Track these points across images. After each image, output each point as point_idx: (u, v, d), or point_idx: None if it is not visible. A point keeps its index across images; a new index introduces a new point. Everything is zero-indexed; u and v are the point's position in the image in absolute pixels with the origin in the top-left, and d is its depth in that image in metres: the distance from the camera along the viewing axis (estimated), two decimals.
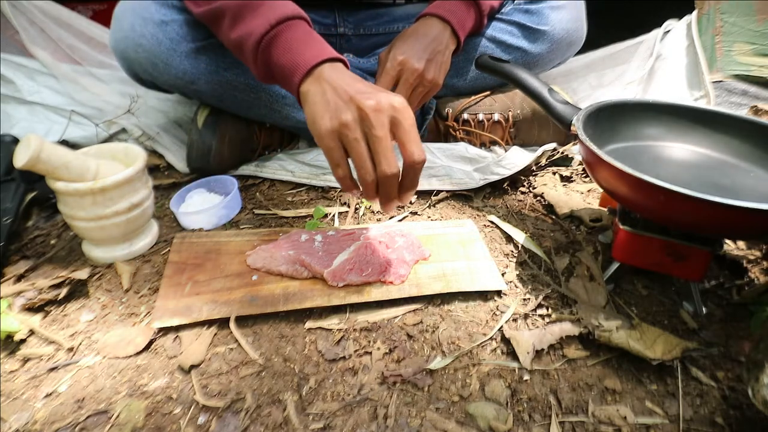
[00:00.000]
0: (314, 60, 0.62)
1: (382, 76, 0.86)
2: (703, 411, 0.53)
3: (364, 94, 0.57)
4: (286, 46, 0.65)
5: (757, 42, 1.09)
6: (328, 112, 0.58)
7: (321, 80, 0.61)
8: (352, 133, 0.57)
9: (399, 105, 0.57)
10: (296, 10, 0.68)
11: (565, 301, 0.66)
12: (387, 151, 0.57)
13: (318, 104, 0.60)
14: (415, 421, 0.51)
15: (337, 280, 0.65)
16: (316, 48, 0.64)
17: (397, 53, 0.84)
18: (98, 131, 0.99)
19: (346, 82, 0.60)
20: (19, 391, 0.53)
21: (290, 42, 0.65)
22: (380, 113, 0.56)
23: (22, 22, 1.07)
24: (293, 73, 0.63)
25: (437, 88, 0.88)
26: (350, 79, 0.60)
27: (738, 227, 0.57)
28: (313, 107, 0.60)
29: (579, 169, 0.98)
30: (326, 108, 0.59)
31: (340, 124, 0.57)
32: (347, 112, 0.57)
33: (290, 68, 0.64)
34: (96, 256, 0.71)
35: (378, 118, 0.56)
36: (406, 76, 0.85)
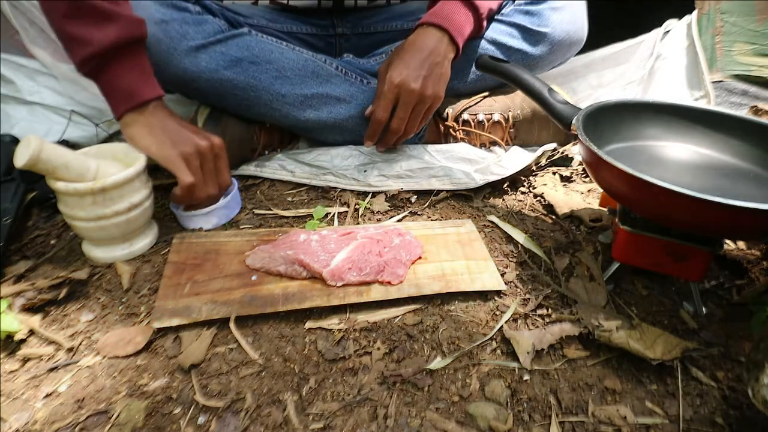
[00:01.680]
0: (148, 96, 0.72)
1: (381, 99, 0.86)
2: (703, 411, 0.53)
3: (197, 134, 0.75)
4: (123, 72, 0.71)
5: (757, 42, 1.09)
6: (165, 143, 0.72)
7: (149, 115, 0.72)
8: (194, 162, 0.73)
9: (218, 143, 0.76)
10: (140, 30, 0.71)
11: (565, 301, 0.66)
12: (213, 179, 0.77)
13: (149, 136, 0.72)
14: (415, 421, 0.51)
15: (336, 280, 0.65)
16: (148, 83, 0.73)
17: (393, 75, 0.84)
18: (98, 131, 0.99)
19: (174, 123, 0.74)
20: (19, 391, 0.53)
21: (127, 68, 0.71)
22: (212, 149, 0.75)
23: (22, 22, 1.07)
24: (126, 100, 0.71)
25: (439, 101, 0.88)
26: (175, 120, 0.75)
27: (738, 227, 0.57)
28: (144, 139, 0.72)
29: (579, 169, 0.98)
30: (164, 140, 0.72)
31: (180, 152, 0.72)
32: (186, 146, 0.73)
33: (123, 95, 0.71)
34: (96, 256, 0.71)
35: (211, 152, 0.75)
36: (404, 98, 0.85)
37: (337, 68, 0.93)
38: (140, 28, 0.71)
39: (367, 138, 0.91)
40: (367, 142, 0.92)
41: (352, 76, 0.94)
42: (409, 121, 0.88)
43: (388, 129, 0.89)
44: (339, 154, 0.94)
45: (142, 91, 0.71)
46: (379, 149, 0.94)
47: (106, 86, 0.72)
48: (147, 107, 0.72)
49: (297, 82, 0.89)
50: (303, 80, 0.89)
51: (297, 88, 0.89)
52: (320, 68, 0.91)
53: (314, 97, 0.90)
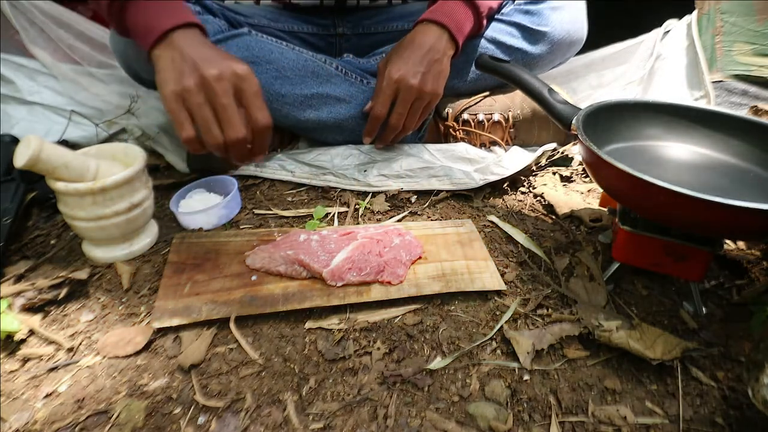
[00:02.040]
0: (166, 26, 0.63)
1: (380, 95, 0.86)
2: (703, 411, 0.53)
3: (209, 61, 0.61)
4: (140, 9, 0.65)
5: (757, 42, 1.09)
6: (174, 78, 0.61)
7: (171, 46, 0.63)
8: (195, 98, 0.61)
9: (242, 72, 0.61)
10: None
11: (565, 301, 0.66)
12: (231, 118, 0.61)
13: (166, 70, 0.62)
14: (415, 421, 0.51)
15: (336, 280, 0.65)
16: (170, 13, 0.65)
17: (392, 70, 0.84)
18: (98, 131, 0.99)
19: (194, 49, 0.62)
20: (19, 391, 0.53)
21: (145, 4, 0.65)
22: (223, 81, 0.60)
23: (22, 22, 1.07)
24: (146, 37, 0.64)
25: (438, 97, 0.88)
26: (199, 46, 0.63)
27: (738, 227, 0.57)
28: (161, 73, 0.63)
29: (579, 169, 0.98)
30: (173, 74, 0.62)
31: (182, 89, 0.61)
32: (190, 78, 0.60)
33: (143, 32, 0.65)
34: (96, 256, 0.71)
35: (221, 86, 0.60)
36: (403, 93, 0.85)
37: (337, 68, 0.93)
38: None
39: (365, 134, 0.91)
40: (365, 138, 0.92)
41: (352, 76, 0.94)
42: (407, 117, 0.88)
43: (386, 125, 0.89)
44: (339, 153, 0.94)
45: (160, 22, 0.64)
46: (378, 146, 0.94)
47: (131, 28, 0.66)
48: (167, 40, 0.64)
49: (297, 82, 0.89)
50: (303, 80, 0.89)
51: (297, 88, 0.89)
52: (320, 68, 0.91)
53: (314, 97, 0.90)
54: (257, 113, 0.63)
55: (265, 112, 0.63)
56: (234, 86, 0.62)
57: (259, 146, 0.65)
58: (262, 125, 0.63)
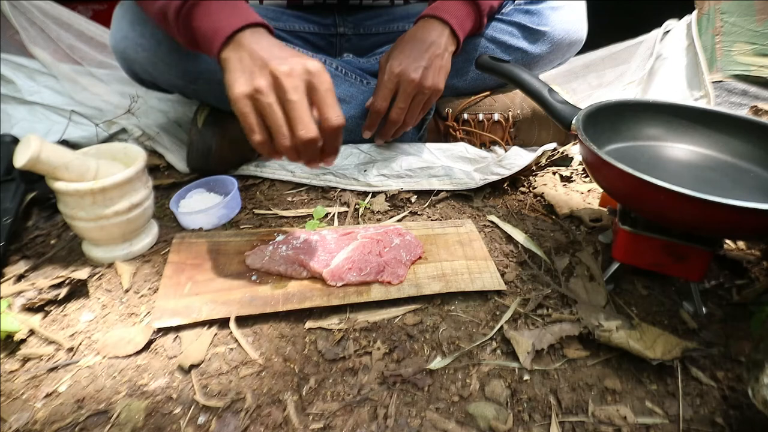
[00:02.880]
0: (233, 26, 0.61)
1: (381, 88, 0.86)
2: (703, 411, 0.53)
3: (279, 59, 0.57)
4: (206, 13, 0.63)
5: (757, 42, 1.09)
6: (243, 78, 0.58)
7: (240, 47, 0.61)
8: (265, 98, 0.57)
9: (314, 69, 0.57)
10: None
11: (565, 301, 0.66)
12: (302, 116, 0.56)
13: (234, 71, 0.60)
14: (415, 421, 0.51)
15: (336, 280, 0.65)
16: (236, 14, 0.63)
17: (393, 64, 0.84)
18: (98, 131, 0.99)
19: (263, 48, 0.59)
20: (19, 391, 0.53)
21: (210, 9, 0.63)
22: (293, 77, 0.56)
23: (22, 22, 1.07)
24: (213, 40, 0.62)
25: (438, 93, 0.88)
26: (268, 45, 0.60)
27: (738, 227, 0.57)
28: (229, 74, 0.60)
29: (579, 169, 0.98)
30: (241, 74, 0.59)
31: (253, 89, 0.57)
32: (261, 77, 0.57)
33: (210, 35, 0.63)
34: (96, 256, 0.71)
35: (291, 82, 0.56)
36: (403, 87, 0.85)
37: (337, 68, 0.93)
38: None
39: (365, 128, 0.91)
40: (365, 132, 0.92)
41: (352, 77, 0.94)
42: (408, 112, 0.88)
43: (387, 120, 0.89)
44: (339, 153, 0.94)
45: (226, 23, 0.62)
46: (378, 142, 0.94)
47: (201, 42, 0.65)
48: (234, 41, 0.61)
49: None
50: None
51: None
52: None
53: None
54: (330, 111, 0.58)
55: (338, 110, 0.58)
56: (305, 83, 0.57)
57: (332, 147, 0.60)
58: (336, 124, 0.58)
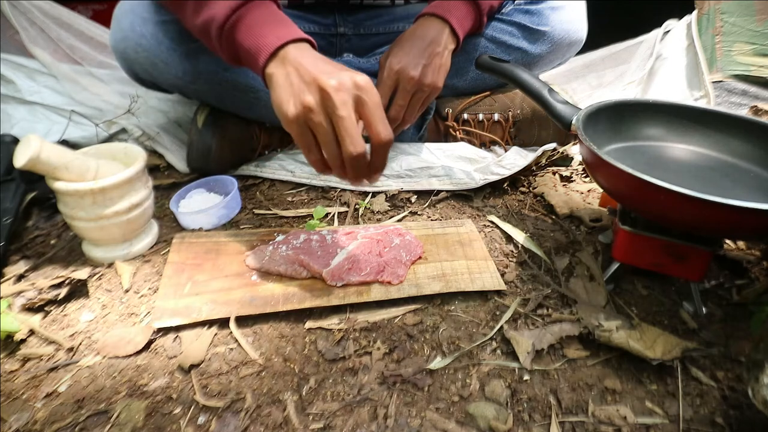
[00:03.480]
0: (278, 42, 0.61)
1: (380, 85, 0.86)
2: (703, 411, 0.53)
3: (327, 73, 0.57)
4: (250, 29, 0.64)
5: (757, 42, 1.09)
6: (292, 96, 0.58)
7: (285, 62, 0.60)
8: (316, 117, 0.57)
9: (363, 83, 0.57)
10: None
11: (565, 301, 0.66)
12: (350, 131, 0.56)
13: (282, 87, 0.59)
14: (415, 421, 0.51)
15: (336, 280, 0.65)
16: (280, 29, 0.63)
17: (393, 62, 0.84)
18: (98, 131, 0.99)
19: (310, 63, 0.59)
20: (19, 391, 0.53)
21: (253, 24, 0.64)
22: (342, 92, 0.56)
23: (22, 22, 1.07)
24: (258, 55, 0.62)
25: (437, 90, 0.88)
26: (314, 59, 0.60)
27: (738, 227, 0.57)
28: (277, 91, 0.60)
29: (579, 169, 0.98)
30: (290, 91, 0.58)
31: (303, 107, 0.57)
32: (309, 94, 0.57)
33: (254, 51, 0.63)
34: (96, 256, 0.71)
35: (340, 97, 0.56)
36: (403, 84, 0.85)
37: None
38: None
39: None
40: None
41: None
42: (407, 109, 0.88)
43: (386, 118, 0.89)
44: None
45: (271, 39, 0.61)
46: None
47: (244, 57, 0.65)
48: (280, 56, 0.61)
49: None
50: None
51: None
52: None
53: None
54: (379, 126, 0.57)
55: (387, 126, 0.57)
56: (354, 97, 0.57)
57: (380, 163, 0.59)
58: (384, 140, 0.57)
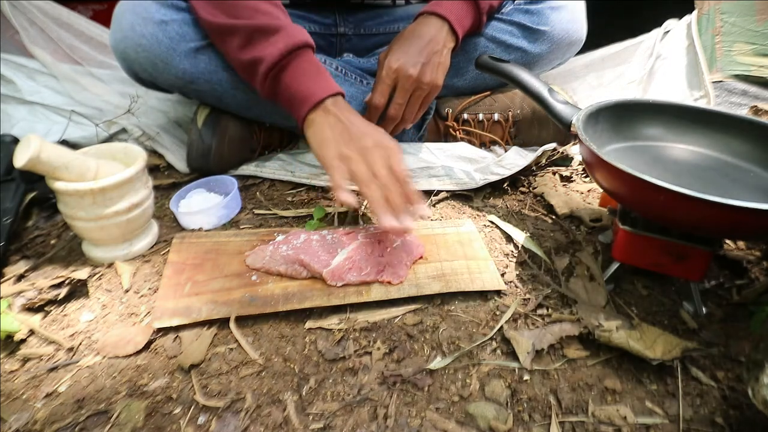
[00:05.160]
0: (322, 94, 0.73)
1: (379, 84, 0.86)
2: (703, 411, 0.53)
3: (364, 134, 0.71)
4: (296, 77, 0.74)
5: (757, 42, 1.09)
6: (334, 143, 0.71)
7: (327, 113, 0.73)
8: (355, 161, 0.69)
9: (392, 146, 0.70)
10: (304, 37, 0.75)
11: (565, 301, 0.66)
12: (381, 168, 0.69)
13: (325, 132, 0.72)
14: (415, 421, 0.51)
15: (336, 280, 0.65)
16: (322, 82, 0.74)
17: (391, 60, 0.84)
18: (98, 131, 0.99)
19: (347, 118, 0.72)
20: (19, 391, 0.53)
21: (299, 73, 0.74)
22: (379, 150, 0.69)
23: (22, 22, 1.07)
24: (303, 103, 0.73)
25: (437, 89, 0.88)
26: (349, 114, 0.73)
27: (738, 227, 0.57)
28: (319, 134, 0.73)
29: (579, 169, 0.98)
30: (332, 138, 0.71)
31: (343, 153, 0.70)
32: (350, 146, 0.70)
33: (300, 98, 0.74)
34: (96, 256, 0.71)
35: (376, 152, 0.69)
36: (402, 83, 0.85)
37: (337, 68, 0.93)
38: (303, 34, 0.75)
39: None
40: None
41: (352, 77, 0.94)
42: (406, 108, 0.88)
43: (385, 116, 0.89)
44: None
45: (313, 91, 0.73)
46: None
47: (284, 97, 0.75)
48: (322, 106, 0.73)
49: None
50: None
51: None
52: None
53: None
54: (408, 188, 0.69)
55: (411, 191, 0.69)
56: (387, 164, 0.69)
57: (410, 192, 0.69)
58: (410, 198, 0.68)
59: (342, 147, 0.70)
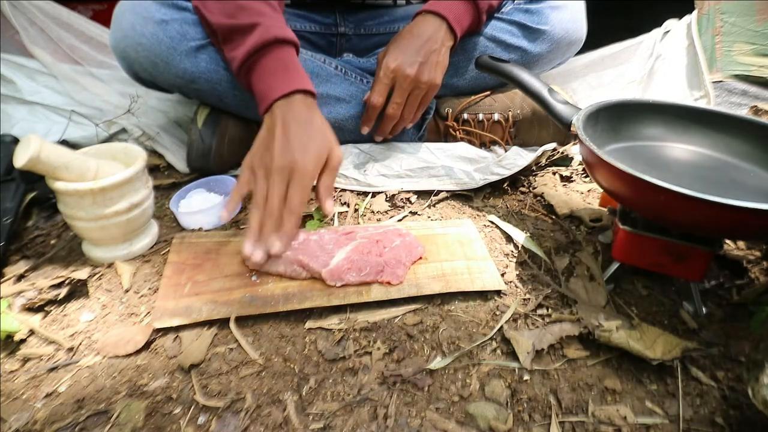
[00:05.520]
0: (275, 94, 0.71)
1: (377, 83, 0.86)
2: (703, 411, 0.53)
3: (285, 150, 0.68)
4: (260, 75, 0.73)
5: (757, 42, 1.09)
6: (256, 150, 0.70)
7: (272, 116, 0.71)
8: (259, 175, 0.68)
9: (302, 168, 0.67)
10: (276, 33, 0.73)
11: (565, 301, 0.66)
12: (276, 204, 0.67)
13: (260, 136, 0.71)
14: (415, 421, 0.51)
15: (335, 280, 0.65)
16: (283, 80, 0.72)
17: (389, 60, 0.85)
18: (98, 131, 0.99)
19: (285, 126, 0.69)
20: (19, 391, 0.53)
21: (263, 71, 0.73)
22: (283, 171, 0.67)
23: (22, 22, 1.07)
24: (261, 102, 0.73)
25: (436, 88, 0.88)
26: (292, 121, 0.69)
27: (738, 227, 0.57)
28: (257, 136, 0.72)
29: (579, 169, 0.98)
30: (259, 144, 0.70)
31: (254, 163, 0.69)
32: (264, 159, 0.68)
33: (259, 97, 0.73)
34: (96, 256, 0.71)
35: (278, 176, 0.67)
36: (399, 82, 0.85)
37: (337, 68, 0.93)
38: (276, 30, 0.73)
39: (363, 122, 0.92)
40: (363, 128, 0.92)
41: (352, 76, 0.94)
42: (405, 107, 0.88)
43: (384, 115, 0.89)
44: None
45: (270, 90, 0.72)
46: (377, 138, 0.94)
47: (255, 95, 0.75)
48: (272, 108, 0.71)
49: None
50: None
51: None
52: (319, 68, 0.91)
53: None
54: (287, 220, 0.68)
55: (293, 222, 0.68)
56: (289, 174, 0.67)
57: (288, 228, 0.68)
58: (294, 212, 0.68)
59: (257, 159, 0.69)
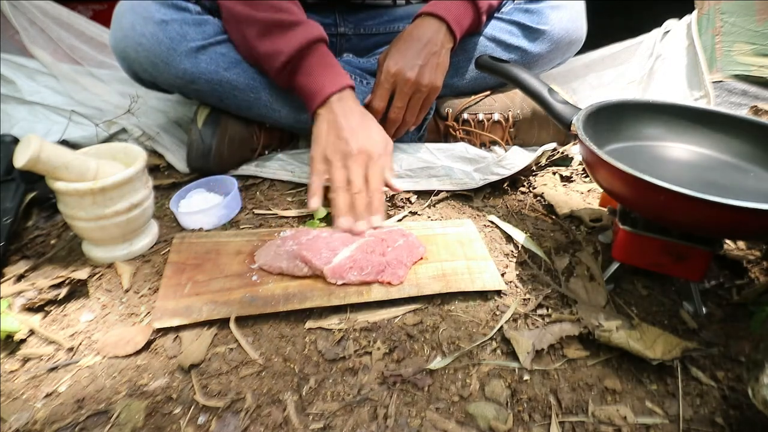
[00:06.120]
0: (329, 90, 0.77)
1: (378, 88, 0.87)
2: (703, 411, 0.53)
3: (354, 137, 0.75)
4: (308, 72, 0.79)
5: (757, 42, 1.09)
6: (324, 142, 0.77)
7: (330, 110, 0.77)
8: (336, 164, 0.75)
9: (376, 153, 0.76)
10: (319, 32, 0.80)
11: (565, 301, 0.66)
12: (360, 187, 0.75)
13: (321, 130, 0.78)
14: (415, 421, 0.51)
15: (337, 278, 0.65)
16: (331, 76, 0.79)
17: (390, 64, 0.85)
18: (98, 131, 0.99)
19: (346, 118, 0.77)
20: (19, 391, 0.53)
21: (311, 68, 0.79)
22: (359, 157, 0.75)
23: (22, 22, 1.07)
24: (312, 98, 0.79)
25: (437, 90, 0.88)
26: (350, 113, 0.77)
27: (738, 227, 0.57)
28: (316, 132, 0.79)
29: (579, 169, 0.98)
30: (324, 137, 0.77)
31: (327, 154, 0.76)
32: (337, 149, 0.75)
33: (310, 93, 0.79)
34: (96, 256, 0.71)
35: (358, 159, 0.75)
36: (400, 86, 0.85)
37: None
38: (318, 29, 0.80)
39: None
40: None
41: (352, 76, 0.94)
42: (407, 110, 0.88)
43: (386, 119, 0.89)
44: None
45: (321, 87, 0.78)
46: None
47: (298, 90, 0.81)
48: (328, 103, 0.78)
49: None
50: None
51: None
52: None
53: None
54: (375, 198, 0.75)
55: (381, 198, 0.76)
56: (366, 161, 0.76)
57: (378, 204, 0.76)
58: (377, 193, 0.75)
59: (328, 149, 0.75)
